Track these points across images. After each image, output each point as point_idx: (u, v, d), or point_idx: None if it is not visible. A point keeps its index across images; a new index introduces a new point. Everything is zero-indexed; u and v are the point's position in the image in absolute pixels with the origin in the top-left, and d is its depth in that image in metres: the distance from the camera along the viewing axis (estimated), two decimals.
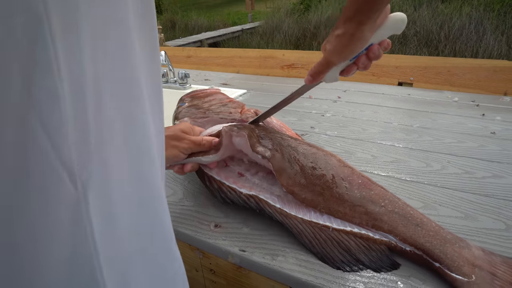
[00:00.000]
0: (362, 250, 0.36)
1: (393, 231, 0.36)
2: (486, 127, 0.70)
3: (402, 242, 0.36)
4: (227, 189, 0.43)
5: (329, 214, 0.39)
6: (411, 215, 0.38)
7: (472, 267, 0.33)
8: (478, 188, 0.48)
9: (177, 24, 8.06)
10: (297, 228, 0.38)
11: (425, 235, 0.35)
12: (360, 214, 0.38)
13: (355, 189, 0.40)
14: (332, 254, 0.36)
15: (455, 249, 0.34)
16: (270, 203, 0.40)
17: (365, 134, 0.69)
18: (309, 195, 0.40)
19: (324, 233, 0.37)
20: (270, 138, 0.45)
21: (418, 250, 0.35)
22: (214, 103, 0.61)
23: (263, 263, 0.36)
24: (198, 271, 0.46)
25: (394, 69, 1.09)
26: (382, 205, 0.39)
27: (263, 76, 1.26)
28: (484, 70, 0.97)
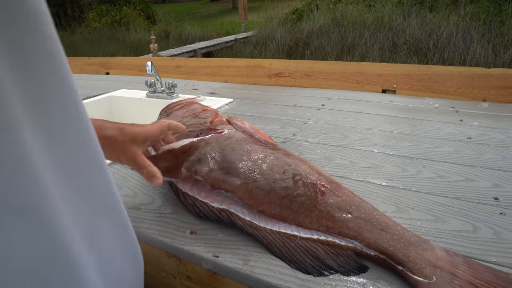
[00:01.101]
0: (330, 256, 0.37)
1: (358, 237, 0.37)
2: (463, 132, 0.72)
3: (367, 248, 0.37)
4: (200, 204, 0.44)
5: (297, 225, 0.40)
6: (376, 220, 0.39)
7: (433, 268, 0.34)
8: (450, 191, 0.50)
9: (171, 34, 8.12)
10: (267, 239, 0.39)
11: (389, 239, 0.36)
12: (327, 223, 0.39)
13: (324, 198, 0.41)
14: (303, 261, 0.36)
15: (418, 251, 0.35)
16: (241, 216, 0.41)
17: (345, 140, 0.70)
18: (277, 210, 0.41)
19: (293, 242, 0.38)
20: (228, 161, 0.45)
21: (382, 255, 0.36)
22: (187, 115, 0.61)
23: (235, 268, 0.37)
24: (175, 278, 0.46)
25: (377, 77, 1.12)
26: (349, 211, 0.39)
27: (250, 85, 1.28)
28: (464, 77, 0.99)
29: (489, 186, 0.51)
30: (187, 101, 0.68)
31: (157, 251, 0.45)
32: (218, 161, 0.46)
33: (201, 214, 0.44)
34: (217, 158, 0.46)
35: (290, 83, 1.23)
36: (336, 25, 5.84)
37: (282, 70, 1.26)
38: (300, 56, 5.66)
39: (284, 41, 6.02)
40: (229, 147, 0.48)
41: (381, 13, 5.69)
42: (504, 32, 4.45)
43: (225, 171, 0.44)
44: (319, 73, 1.20)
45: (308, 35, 5.90)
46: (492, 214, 0.44)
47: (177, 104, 0.67)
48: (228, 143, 0.48)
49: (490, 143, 0.66)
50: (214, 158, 0.46)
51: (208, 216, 0.43)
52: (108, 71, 1.76)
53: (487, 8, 4.93)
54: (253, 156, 0.46)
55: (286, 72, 1.25)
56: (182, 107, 0.65)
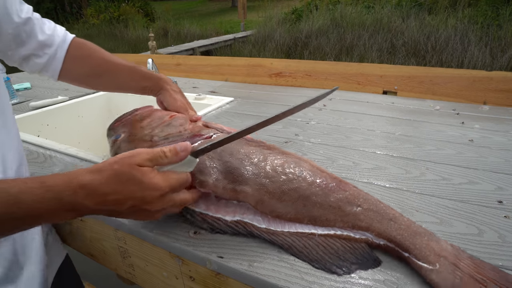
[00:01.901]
0: (348, 250, 0.38)
1: (369, 228, 0.38)
2: (464, 134, 0.72)
3: (377, 237, 0.38)
4: (212, 220, 0.41)
5: (313, 224, 0.40)
6: (384, 211, 0.40)
7: (437, 257, 0.35)
8: (454, 194, 0.50)
9: (170, 32, 8.09)
10: (286, 242, 0.39)
11: (397, 229, 0.38)
12: (341, 217, 0.40)
13: (332, 194, 0.41)
14: (324, 259, 0.37)
15: (424, 241, 0.37)
16: (256, 225, 0.40)
17: (348, 141, 0.70)
18: (292, 212, 0.40)
19: (311, 241, 0.38)
20: (231, 168, 0.43)
21: (391, 243, 0.37)
22: (155, 125, 0.52)
23: (240, 269, 0.36)
24: (178, 279, 0.46)
25: (379, 78, 1.12)
26: (358, 204, 0.40)
27: (251, 84, 1.27)
28: (464, 80, 1.00)
29: (492, 189, 0.51)
30: (144, 110, 0.57)
31: (160, 251, 0.45)
32: (220, 169, 0.43)
33: (216, 230, 0.41)
34: (219, 166, 0.43)
35: (291, 83, 1.23)
36: (335, 25, 5.85)
37: (283, 69, 1.25)
38: (299, 56, 5.66)
39: (283, 41, 6.03)
40: (226, 152, 0.45)
41: (380, 14, 5.71)
42: (502, 35, 4.49)
43: (232, 179, 0.42)
44: (320, 73, 1.19)
45: (307, 35, 5.90)
46: (497, 217, 0.44)
47: (133, 115, 0.56)
48: (223, 148, 0.45)
49: (492, 146, 0.66)
50: (216, 167, 0.43)
51: (224, 231, 0.41)
52: None
53: (485, 12, 4.97)
54: (254, 159, 0.44)
55: (287, 72, 1.25)
56: (144, 118, 0.54)
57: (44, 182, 0.31)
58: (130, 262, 0.52)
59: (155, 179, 0.34)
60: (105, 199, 0.32)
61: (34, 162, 0.65)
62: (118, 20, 8.94)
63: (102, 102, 1.19)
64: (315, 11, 6.33)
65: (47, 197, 0.30)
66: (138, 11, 9.53)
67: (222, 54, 6.44)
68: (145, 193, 0.33)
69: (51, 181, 0.31)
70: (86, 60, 0.58)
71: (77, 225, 0.58)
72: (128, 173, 0.33)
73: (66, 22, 9.44)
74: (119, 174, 0.33)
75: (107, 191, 0.32)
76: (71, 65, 0.57)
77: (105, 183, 0.32)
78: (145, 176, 0.33)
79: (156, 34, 6.73)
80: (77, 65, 0.58)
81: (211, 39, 7.17)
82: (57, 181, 0.31)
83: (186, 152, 0.37)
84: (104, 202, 0.32)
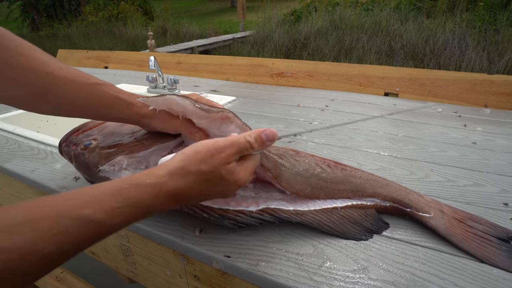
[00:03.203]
0: (363, 218, 0.43)
1: (376, 194, 0.45)
2: (467, 137, 0.72)
3: (383, 201, 0.45)
4: (234, 214, 0.40)
5: (330, 197, 0.44)
6: (380, 179, 0.47)
7: (429, 207, 0.44)
8: (460, 196, 0.50)
9: (168, 31, 8.06)
10: (315, 220, 0.41)
11: (395, 190, 0.45)
12: (351, 187, 0.45)
13: (337, 171, 0.46)
14: (348, 230, 0.41)
15: (415, 196, 0.45)
16: (284, 209, 0.41)
17: (351, 142, 0.70)
18: (309, 189, 0.43)
19: (335, 215, 0.42)
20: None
21: (395, 203, 0.44)
22: (132, 126, 0.50)
23: (247, 269, 0.36)
24: (182, 278, 0.45)
25: (380, 80, 1.12)
26: (359, 176, 0.47)
27: (252, 84, 1.27)
28: (466, 83, 1.00)
29: (497, 191, 0.51)
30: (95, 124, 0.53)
31: (164, 249, 0.44)
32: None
33: (239, 224, 0.40)
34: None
35: (292, 83, 1.23)
36: (334, 27, 5.86)
37: (285, 70, 1.25)
38: (297, 57, 5.66)
39: (282, 42, 6.02)
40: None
41: (378, 17, 5.73)
42: (499, 40, 4.52)
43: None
44: (322, 74, 1.19)
45: (306, 36, 5.91)
46: (503, 219, 0.44)
47: (99, 124, 0.53)
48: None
49: (495, 149, 0.66)
50: None
51: (247, 223, 0.40)
52: (107, 65, 1.73)
53: (483, 16, 5.01)
54: (272, 147, 0.47)
55: (289, 72, 1.24)
56: (120, 125, 0.51)
57: (129, 198, 0.28)
58: (133, 261, 0.52)
59: (240, 175, 0.33)
60: (190, 198, 0.32)
61: (35, 158, 0.64)
62: (117, 18, 8.89)
63: None
64: (314, 13, 6.33)
65: (137, 216, 0.29)
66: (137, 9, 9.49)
67: (221, 53, 6.42)
68: (230, 188, 0.34)
69: (135, 197, 0.28)
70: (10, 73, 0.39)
71: None
72: (218, 174, 0.32)
73: (65, 19, 9.36)
74: (208, 176, 0.31)
75: (195, 194, 0.32)
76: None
77: (194, 187, 0.31)
78: (233, 174, 0.33)
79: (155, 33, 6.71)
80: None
81: (210, 39, 7.16)
82: (143, 196, 0.29)
83: (273, 141, 0.35)
84: (188, 200, 0.32)
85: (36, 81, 0.39)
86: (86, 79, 0.42)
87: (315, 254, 0.38)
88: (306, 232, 0.42)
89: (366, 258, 0.38)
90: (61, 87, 0.41)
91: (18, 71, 0.39)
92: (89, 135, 0.50)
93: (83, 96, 0.42)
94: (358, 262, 0.37)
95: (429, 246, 0.39)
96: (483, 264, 0.36)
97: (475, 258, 0.37)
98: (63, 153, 0.50)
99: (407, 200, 0.44)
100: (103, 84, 0.43)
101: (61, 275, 0.97)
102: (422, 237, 0.41)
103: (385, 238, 0.41)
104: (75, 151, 0.48)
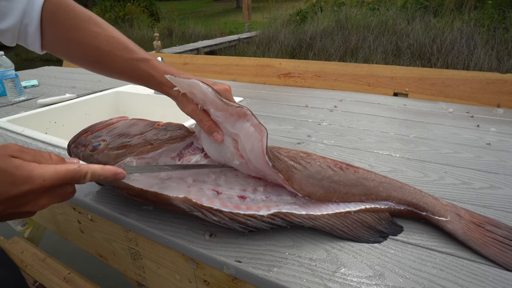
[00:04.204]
0: (377, 222, 0.42)
1: (389, 197, 0.44)
2: (481, 138, 0.70)
3: (397, 204, 0.44)
4: (244, 218, 0.38)
5: (342, 201, 0.43)
6: (393, 182, 0.46)
7: (445, 211, 0.42)
8: (476, 199, 0.48)
9: (174, 32, 8.10)
10: (328, 225, 0.40)
11: (410, 194, 0.44)
12: (364, 191, 0.44)
13: (350, 174, 0.45)
14: (362, 234, 0.40)
15: (431, 199, 0.44)
16: (296, 213, 0.40)
17: (362, 143, 0.68)
18: (321, 191, 0.43)
19: (348, 219, 0.41)
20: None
21: (409, 206, 0.43)
22: (145, 130, 0.49)
23: (259, 275, 0.35)
24: (191, 282, 0.44)
25: (389, 80, 1.10)
26: (372, 179, 0.45)
27: (259, 84, 1.26)
28: (478, 82, 0.98)
29: None
30: (120, 119, 0.54)
31: (173, 253, 0.44)
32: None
33: (249, 229, 0.39)
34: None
35: (300, 83, 1.22)
36: (340, 27, 5.83)
37: (292, 70, 1.24)
38: (303, 57, 5.64)
39: (288, 42, 6.01)
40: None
41: (385, 16, 5.68)
42: (508, 38, 4.44)
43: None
44: (330, 74, 1.18)
45: (311, 36, 5.88)
46: None
47: (108, 125, 0.53)
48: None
49: (511, 150, 0.64)
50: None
51: (258, 227, 0.39)
52: None
53: (492, 15, 4.93)
54: (282, 149, 0.47)
55: (296, 73, 1.23)
56: (129, 126, 0.51)
57: None
58: (141, 264, 0.51)
59: (36, 171, 0.31)
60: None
61: None
62: (123, 19, 8.97)
63: (110, 101, 1.18)
64: (320, 13, 6.31)
65: None
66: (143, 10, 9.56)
67: (227, 54, 6.43)
68: (21, 188, 0.30)
69: None
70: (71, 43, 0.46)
71: (87, 225, 0.57)
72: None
73: None
74: None
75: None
76: (53, 48, 0.47)
77: None
78: (21, 169, 0.30)
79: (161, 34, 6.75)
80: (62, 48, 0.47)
81: (215, 40, 7.18)
82: None
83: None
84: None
85: (87, 53, 0.46)
86: (127, 53, 0.46)
87: (328, 259, 0.37)
88: (318, 236, 0.41)
89: (381, 263, 0.36)
90: (106, 60, 0.46)
91: (73, 44, 0.46)
92: (98, 136, 0.49)
93: (124, 69, 0.47)
94: (373, 268, 0.36)
95: (447, 251, 0.38)
96: (505, 271, 0.35)
97: (496, 264, 0.36)
98: (72, 155, 0.50)
99: (423, 203, 0.43)
100: (140, 60, 0.46)
101: (68, 276, 0.97)
102: (439, 242, 0.40)
103: (400, 243, 0.40)
104: (84, 152, 0.48)
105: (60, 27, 0.45)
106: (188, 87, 0.40)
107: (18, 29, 0.44)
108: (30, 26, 0.44)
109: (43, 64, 2.05)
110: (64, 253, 1.37)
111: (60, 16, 0.44)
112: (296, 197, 0.43)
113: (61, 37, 0.46)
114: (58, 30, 0.45)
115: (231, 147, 0.41)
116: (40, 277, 0.91)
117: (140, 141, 0.46)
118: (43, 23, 0.45)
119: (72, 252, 1.37)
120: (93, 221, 0.55)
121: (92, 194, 0.52)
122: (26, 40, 0.46)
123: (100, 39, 0.46)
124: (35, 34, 0.45)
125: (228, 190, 0.42)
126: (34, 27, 0.44)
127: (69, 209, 0.58)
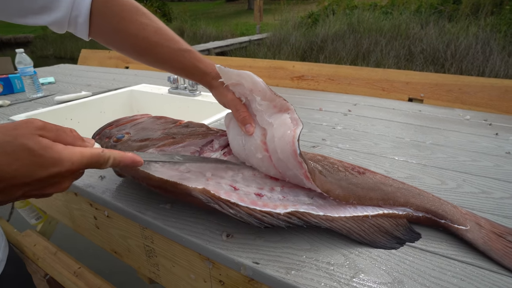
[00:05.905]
0: (394, 228, 0.41)
1: (408, 203, 0.44)
2: (500, 146, 0.69)
3: (415, 211, 0.43)
4: (260, 214, 0.38)
5: (360, 204, 0.43)
6: (411, 188, 0.45)
7: (465, 220, 0.42)
8: (497, 208, 0.47)
9: (186, 32, 8.17)
10: (345, 227, 0.40)
11: (428, 201, 0.44)
12: (381, 195, 0.44)
13: (367, 178, 0.45)
14: (379, 239, 0.40)
15: (450, 207, 0.43)
16: (314, 213, 0.40)
17: (377, 148, 0.68)
18: (340, 190, 0.43)
19: (365, 223, 0.41)
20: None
21: (428, 214, 0.43)
22: (167, 127, 0.51)
23: (277, 277, 0.35)
24: (206, 282, 0.45)
25: (404, 85, 1.09)
26: (391, 184, 0.45)
27: (272, 86, 1.26)
28: (496, 90, 0.96)
29: None
30: (144, 115, 0.57)
31: (189, 252, 0.44)
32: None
33: (265, 224, 0.39)
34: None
35: (313, 86, 1.22)
36: (351, 30, 5.79)
37: (305, 73, 1.24)
38: (314, 60, 5.63)
39: (299, 45, 6.00)
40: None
41: (398, 20, 5.62)
42: None
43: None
44: (344, 78, 1.17)
45: (323, 39, 5.86)
46: None
47: (132, 120, 0.55)
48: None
49: None
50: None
51: (273, 224, 0.39)
52: (128, 65, 1.76)
53: (509, 20, 4.83)
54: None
55: (309, 76, 1.23)
56: (152, 122, 0.53)
57: None
58: (156, 262, 0.52)
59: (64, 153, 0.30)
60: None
61: None
62: None
63: (124, 99, 1.19)
64: (332, 16, 6.28)
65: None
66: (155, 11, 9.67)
67: (237, 55, 6.46)
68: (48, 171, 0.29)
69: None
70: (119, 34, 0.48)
71: (103, 221, 0.58)
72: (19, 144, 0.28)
73: None
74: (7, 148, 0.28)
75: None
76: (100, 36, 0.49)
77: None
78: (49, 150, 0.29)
79: None
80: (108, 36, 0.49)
81: (226, 41, 7.21)
82: None
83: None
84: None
85: (135, 44, 0.48)
86: (174, 44, 0.48)
87: (346, 264, 0.37)
88: (336, 240, 0.41)
89: (400, 270, 0.36)
90: (153, 51, 0.48)
91: (122, 35, 0.47)
92: (122, 129, 0.51)
93: (170, 60, 0.48)
94: (392, 275, 0.35)
95: (467, 261, 0.37)
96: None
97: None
98: (100, 140, 0.51)
99: (441, 211, 0.42)
100: (186, 51, 0.48)
101: (79, 271, 0.99)
102: (458, 250, 0.39)
103: (419, 250, 0.39)
104: (107, 144, 0.49)
105: (110, 19, 0.47)
106: (237, 76, 0.42)
107: (68, 20, 0.46)
108: (80, 17, 0.46)
109: (57, 62, 2.09)
110: (74, 249, 1.39)
111: (110, 8, 0.46)
112: (313, 198, 0.43)
113: (110, 28, 0.47)
114: (108, 21, 0.47)
115: (258, 140, 0.42)
116: (51, 270, 0.93)
117: (162, 135, 0.48)
118: (93, 15, 0.46)
119: (81, 247, 1.39)
120: (110, 217, 0.56)
121: (110, 191, 0.52)
122: (75, 30, 0.48)
123: (148, 30, 0.47)
124: (84, 24, 0.47)
125: (245, 187, 0.43)
126: (83, 18, 0.46)
127: (86, 205, 0.59)
